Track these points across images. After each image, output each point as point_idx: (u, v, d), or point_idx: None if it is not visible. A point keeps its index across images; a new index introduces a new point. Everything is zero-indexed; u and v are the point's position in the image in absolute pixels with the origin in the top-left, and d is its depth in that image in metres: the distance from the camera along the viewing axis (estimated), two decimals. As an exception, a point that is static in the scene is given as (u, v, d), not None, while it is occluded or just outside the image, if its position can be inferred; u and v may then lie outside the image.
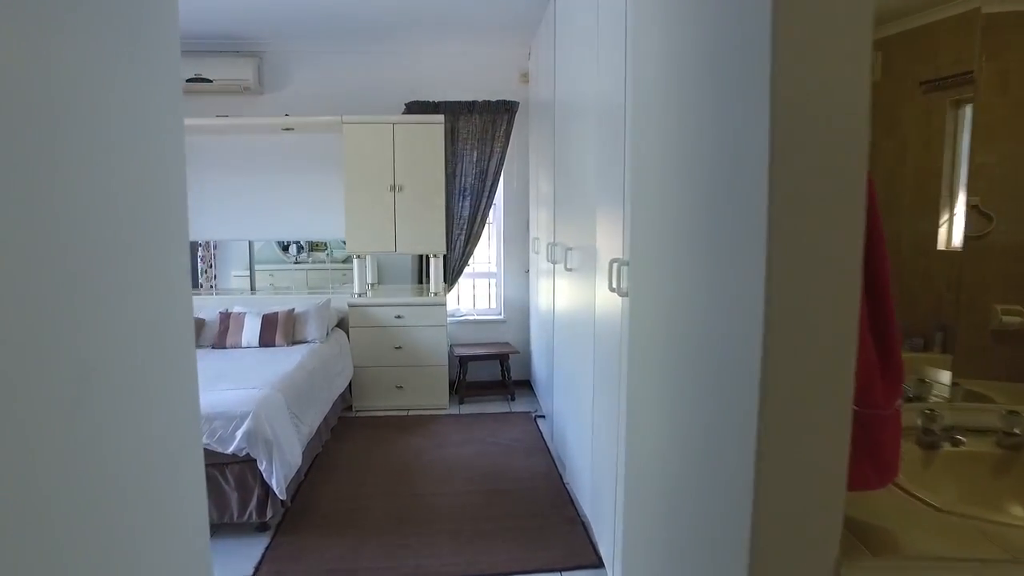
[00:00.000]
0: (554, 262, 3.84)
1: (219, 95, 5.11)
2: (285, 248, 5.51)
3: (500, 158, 5.28)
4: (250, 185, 5.32)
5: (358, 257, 4.97)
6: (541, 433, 4.51)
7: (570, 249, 3.33)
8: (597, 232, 2.71)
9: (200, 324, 4.57)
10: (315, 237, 5.45)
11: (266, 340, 4.43)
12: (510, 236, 5.53)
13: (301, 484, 3.56)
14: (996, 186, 1.57)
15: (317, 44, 5.14)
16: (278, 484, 3.03)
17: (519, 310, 5.57)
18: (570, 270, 3.33)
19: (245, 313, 4.56)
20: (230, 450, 2.99)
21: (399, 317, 4.92)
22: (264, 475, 3.04)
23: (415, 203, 4.88)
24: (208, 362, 4.00)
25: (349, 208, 4.89)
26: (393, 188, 4.86)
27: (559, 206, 3.77)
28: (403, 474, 3.81)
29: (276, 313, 4.55)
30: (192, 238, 5.46)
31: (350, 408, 4.98)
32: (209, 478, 3.07)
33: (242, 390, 3.34)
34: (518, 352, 5.32)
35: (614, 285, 2.29)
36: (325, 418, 4.12)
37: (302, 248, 5.48)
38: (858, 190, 0.94)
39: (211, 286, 5.42)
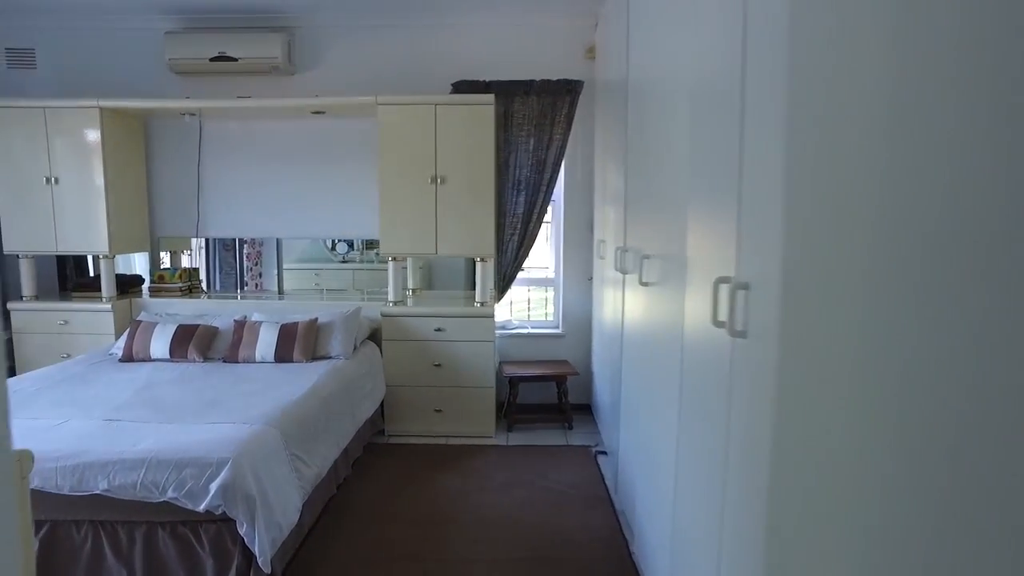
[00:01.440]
0: (624, 271, 3.02)
1: (245, 76, 4.50)
2: (333, 246, 4.88)
3: (560, 147, 4.48)
4: (277, 176, 4.70)
5: (394, 260, 4.27)
6: (602, 476, 3.69)
7: (647, 257, 2.51)
8: (689, 239, 1.89)
9: (212, 334, 3.96)
10: (348, 235, 4.78)
11: (282, 355, 3.77)
12: (571, 237, 4.73)
13: (304, 540, 2.87)
14: None
15: (354, 17, 4.47)
16: (261, 551, 2.33)
17: (580, 323, 4.75)
18: (647, 284, 2.50)
19: (262, 323, 3.92)
20: (202, 507, 2.31)
21: (439, 330, 4.19)
22: (245, 539, 2.35)
23: (460, 198, 4.14)
24: (210, 381, 3.37)
25: (384, 203, 4.19)
26: (435, 180, 4.13)
27: (632, 205, 2.95)
28: (433, 528, 3.06)
29: (295, 324, 3.89)
30: (216, 235, 4.95)
31: (382, 432, 4.29)
32: (180, 539, 2.41)
33: (230, 424, 2.66)
34: (577, 374, 4.50)
35: (722, 318, 1.47)
36: (345, 450, 3.43)
37: (351, 246, 4.83)
38: None
39: (256, 285, 4.82)
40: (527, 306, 5.20)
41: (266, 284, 4.86)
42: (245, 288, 4.88)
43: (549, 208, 4.67)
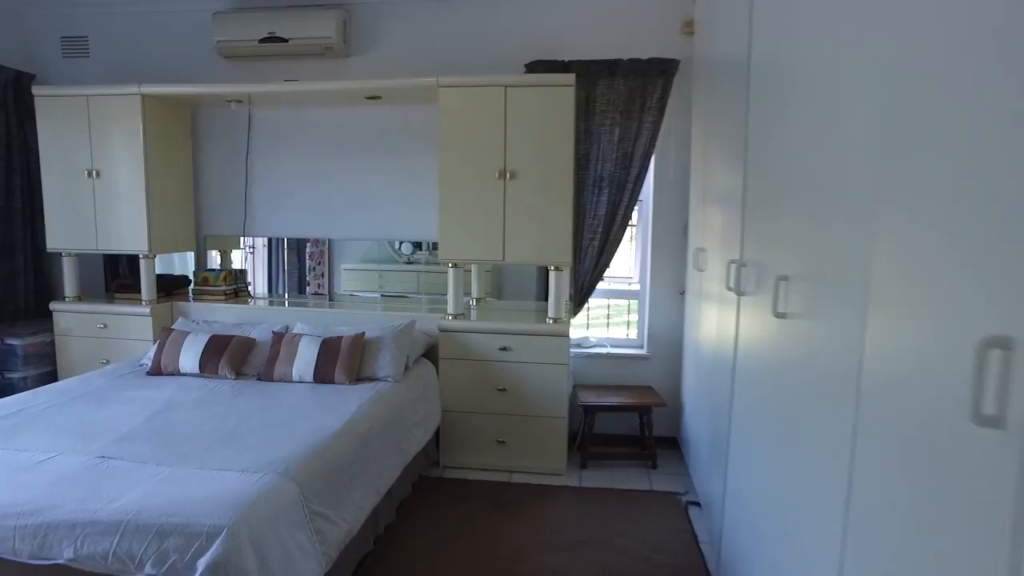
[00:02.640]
0: (741, 292, 2.30)
1: (296, 59, 4.01)
2: (399, 246, 4.33)
3: (650, 137, 3.77)
4: (330, 171, 4.18)
5: (454, 266, 3.67)
6: (696, 536, 2.96)
7: (785, 279, 1.78)
8: (883, 264, 1.17)
9: (248, 346, 3.46)
10: (406, 236, 4.22)
11: (323, 374, 3.23)
12: (660, 244, 4.00)
13: (329, 615, 2.29)
14: None
15: (417, -9, 3.91)
16: (261, 652, 1.76)
17: (668, 344, 4.01)
18: (783, 315, 1.78)
19: (302, 336, 3.39)
20: (187, 590, 1.76)
21: (505, 349, 3.56)
22: (241, 634, 1.78)
23: (532, 196, 3.50)
24: (236, 404, 2.85)
25: (444, 201, 3.58)
26: (503, 175, 3.50)
27: (754, 209, 2.23)
28: (486, 604, 2.43)
29: (339, 339, 3.33)
30: (264, 234, 4.44)
31: (436, 464, 3.69)
32: (164, 624, 1.85)
33: (238, 473, 2.11)
34: (664, 404, 3.77)
35: (990, 410, 0.76)
36: (389, 492, 2.85)
37: (417, 246, 4.27)
38: None
39: (319, 286, 4.33)
40: (606, 321, 4.50)
41: (335, 286, 4.36)
42: (307, 289, 4.40)
43: (635, 209, 3.97)
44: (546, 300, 3.94)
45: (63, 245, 4.04)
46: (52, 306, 4.06)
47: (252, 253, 4.42)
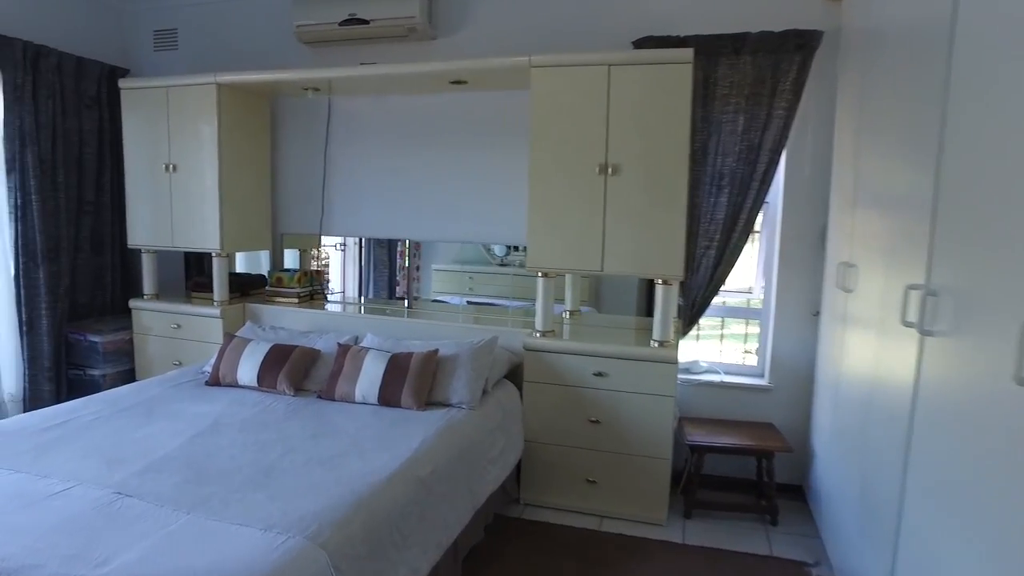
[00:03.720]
0: (927, 332, 1.63)
1: (378, 43, 3.60)
2: (490, 247, 3.86)
3: (782, 126, 3.08)
4: (411, 165, 3.76)
5: (545, 275, 3.13)
6: (840, 634, 2.28)
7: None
8: None
9: (311, 359, 3.08)
10: (494, 239, 3.72)
11: (388, 396, 2.78)
12: (790, 255, 3.28)
13: None
14: None
15: (512, -37, 3.40)
16: None
17: (796, 374, 3.29)
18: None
19: (368, 350, 2.96)
20: None
21: (601, 375, 2.99)
22: None
23: (638, 195, 2.90)
24: (286, 429, 2.44)
25: (534, 199, 3.06)
26: (604, 170, 2.93)
27: (954, 220, 1.55)
28: None
29: (409, 356, 2.88)
30: (340, 233, 3.98)
31: (516, 501, 3.18)
32: None
33: (261, 532, 1.66)
34: (791, 450, 3.07)
35: None
36: (455, 544, 2.36)
37: (512, 247, 3.77)
38: None
39: (415, 284, 3.92)
40: (719, 342, 3.82)
41: (424, 288, 3.97)
42: (397, 291, 4.02)
43: (761, 213, 3.29)
44: (650, 315, 3.34)
45: (142, 241, 3.86)
46: (131, 303, 3.89)
47: (343, 251, 4.08)
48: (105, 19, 4.16)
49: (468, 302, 3.89)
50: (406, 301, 3.91)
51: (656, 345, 2.96)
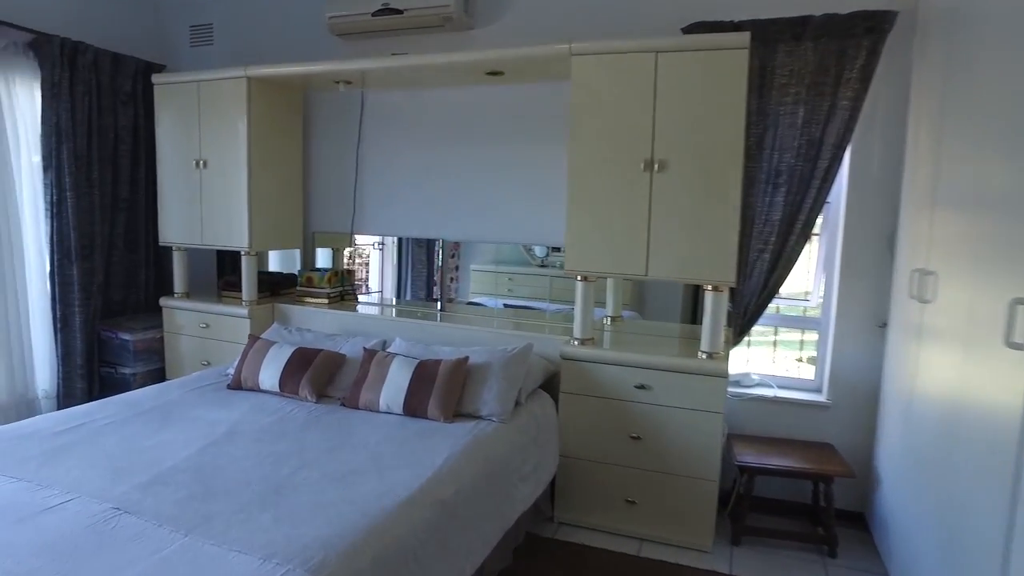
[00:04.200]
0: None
1: (413, 34, 3.43)
2: (530, 248, 3.65)
3: (847, 119, 2.78)
4: (446, 162, 3.57)
5: (583, 279, 2.90)
6: None
7: None
8: None
9: (336, 364, 2.91)
10: (530, 239, 3.50)
11: (414, 406, 2.59)
12: (853, 261, 2.97)
13: None
14: None
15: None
16: None
17: (859, 391, 2.98)
18: None
19: (395, 356, 2.78)
20: None
21: (643, 388, 2.74)
22: None
23: (687, 193, 2.65)
24: (304, 439, 2.26)
25: (574, 198, 2.82)
26: (649, 166, 2.68)
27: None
28: None
29: (437, 363, 2.68)
30: (373, 232, 3.78)
31: (550, 519, 2.96)
32: None
33: (257, 562, 1.48)
34: (853, 476, 2.76)
35: None
36: (480, 569, 2.15)
37: (555, 248, 3.55)
38: None
39: (453, 285, 3.73)
40: (771, 352, 3.52)
41: (461, 290, 3.78)
42: (435, 291, 3.84)
43: (822, 214, 2.99)
44: (697, 322, 3.09)
45: (173, 239, 3.77)
46: (162, 302, 3.81)
47: (381, 249, 3.93)
48: (142, 15, 4.11)
49: (505, 305, 3.68)
50: (439, 303, 3.72)
51: (704, 357, 2.70)
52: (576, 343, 2.89)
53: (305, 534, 1.63)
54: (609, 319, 3.37)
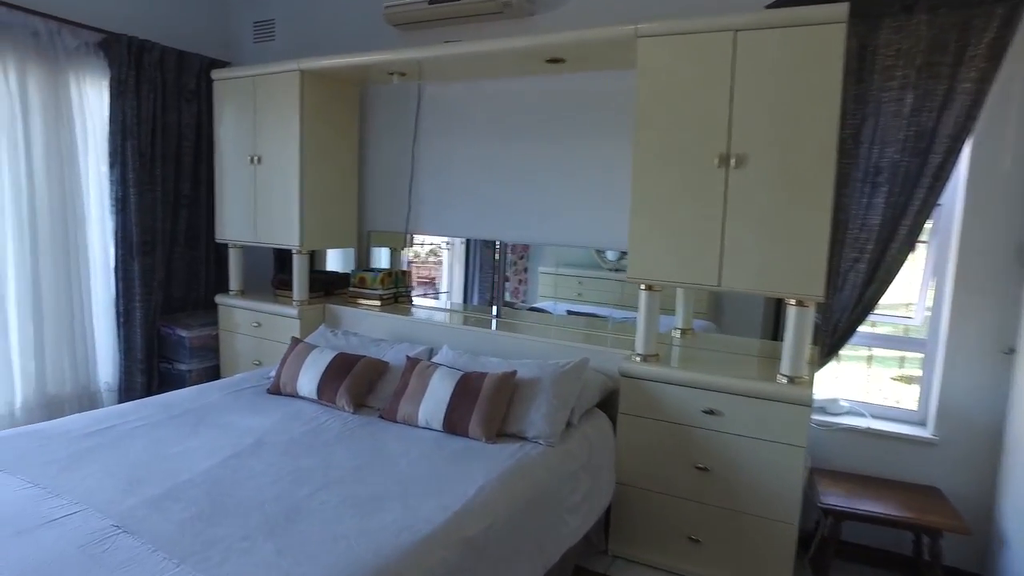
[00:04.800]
0: None
1: (471, 22, 3.22)
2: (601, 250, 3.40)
3: (971, 105, 2.34)
4: (503, 157, 3.34)
5: (648, 289, 2.60)
6: None
7: None
8: None
9: (378, 371, 2.74)
10: (593, 242, 3.21)
11: (454, 422, 2.38)
12: (971, 273, 2.51)
13: None
14: None
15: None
16: None
17: (975, 426, 2.52)
18: None
19: (437, 367, 2.58)
20: None
21: (712, 413, 2.42)
22: None
23: (769, 192, 2.30)
24: (332, 457, 2.08)
25: (638, 198, 2.53)
26: (724, 161, 2.35)
27: None
28: None
29: (483, 377, 2.45)
30: (428, 232, 3.57)
31: (604, 552, 2.67)
32: None
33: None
34: (968, 533, 2.32)
35: None
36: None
37: (624, 252, 3.25)
38: None
39: (516, 293, 3.53)
40: (864, 369, 3.08)
41: (530, 293, 3.56)
42: (498, 294, 3.64)
43: (931, 218, 2.57)
44: (778, 339, 2.72)
45: (229, 236, 3.74)
46: (217, 299, 3.78)
47: (449, 249, 3.76)
48: (209, 13, 4.11)
49: (568, 311, 3.42)
50: (495, 309, 3.50)
51: (785, 381, 2.34)
52: (638, 359, 2.59)
53: (307, 572, 1.44)
54: (679, 331, 3.05)
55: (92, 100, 3.53)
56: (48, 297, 3.36)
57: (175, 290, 3.96)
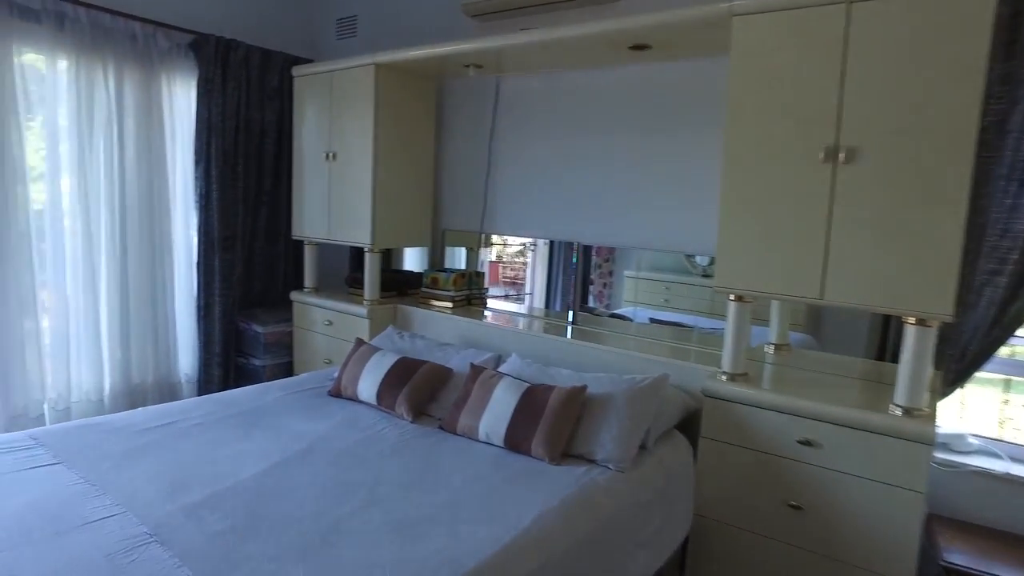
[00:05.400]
0: None
1: (551, 10, 3.01)
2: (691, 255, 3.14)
3: None
4: (584, 154, 3.12)
5: (737, 300, 2.31)
6: None
7: None
8: None
9: (441, 378, 2.59)
10: (679, 245, 2.94)
11: (516, 439, 2.19)
12: None
13: None
14: None
15: None
16: None
17: None
18: None
19: (502, 377, 2.39)
20: None
21: (808, 444, 2.11)
22: None
23: (885, 192, 1.95)
24: (382, 471, 1.95)
25: (728, 198, 2.24)
26: (832, 155, 2.03)
27: None
28: None
29: (549, 391, 2.25)
30: (504, 231, 3.41)
31: (679, 590, 2.41)
32: None
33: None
34: None
35: None
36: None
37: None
38: None
39: (600, 298, 3.34)
40: (1000, 409, 2.63)
41: (614, 297, 3.35)
42: (589, 299, 3.45)
43: (1095, 224, 2.13)
44: (885, 358, 2.37)
45: (304, 232, 3.73)
46: (292, 295, 3.79)
47: (533, 250, 3.60)
48: (294, 11, 4.14)
49: (651, 319, 3.16)
50: (571, 315, 3.29)
51: (900, 412, 1.99)
52: (725, 377, 2.31)
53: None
54: (772, 347, 2.72)
55: (180, 99, 3.62)
56: (135, 289, 3.47)
57: (254, 285, 4.01)
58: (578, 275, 3.28)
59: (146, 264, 3.50)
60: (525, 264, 3.55)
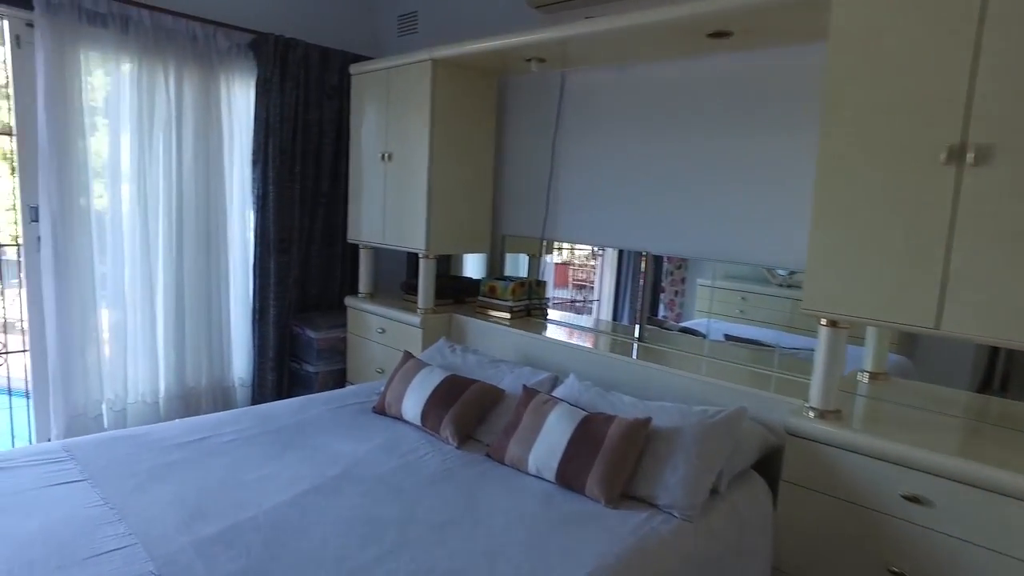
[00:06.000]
0: None
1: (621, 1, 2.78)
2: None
3: None
4: (654, 155, 2.84)
5: (830, 325, 1.99)
6: None
7: None
8: None
9: (491, 399, 2.37)
10: (761, 258, 2.62)
11: (569, 475, 1.95)
12: None
13: None
14: None
15: None
16: None
17: None
18: None
19: (557, 403, 2.16)
20: None
21: (915, 500, 1.77)
22: None
23: (1023, 203, 1.62)
24: (419, 506, 1.76)
25: (821, 204, 1.92)
26: (958, 156, 1.69)
27: None
28: None
29: (609, 421, 2.00)
30: (565, 238, 3.16)
31: (753, 655, 2.10)
32: None
33: None
34: None
35: None
36: None
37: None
38: None
39: (672, 308, 3.09)
40: None
41: (686, 307, 3.07)
42: (660, 310, 3.19)
43: None
44: (994, 390, 2.00)
45: (359, 236, 3.61)
46: (347, 301, 3.68)
47: (600, 257, 3.37)
48: (355, 9, 4.05)
49: (726, 336, 2.85)
50: (637, 331, 3.02)
51: (1037, 470, 1.64)
52: (812, 414, 2.00)
53: None
54: (867, 376, 2.37)
55: (239, 99, 3.57)
56: (190, 291, 3.44)
57: (311, 288, 3.93)
58: (646, 286, 3.00)
59: (202, 265, 3.47)
60: (594, 268, 3.30)
